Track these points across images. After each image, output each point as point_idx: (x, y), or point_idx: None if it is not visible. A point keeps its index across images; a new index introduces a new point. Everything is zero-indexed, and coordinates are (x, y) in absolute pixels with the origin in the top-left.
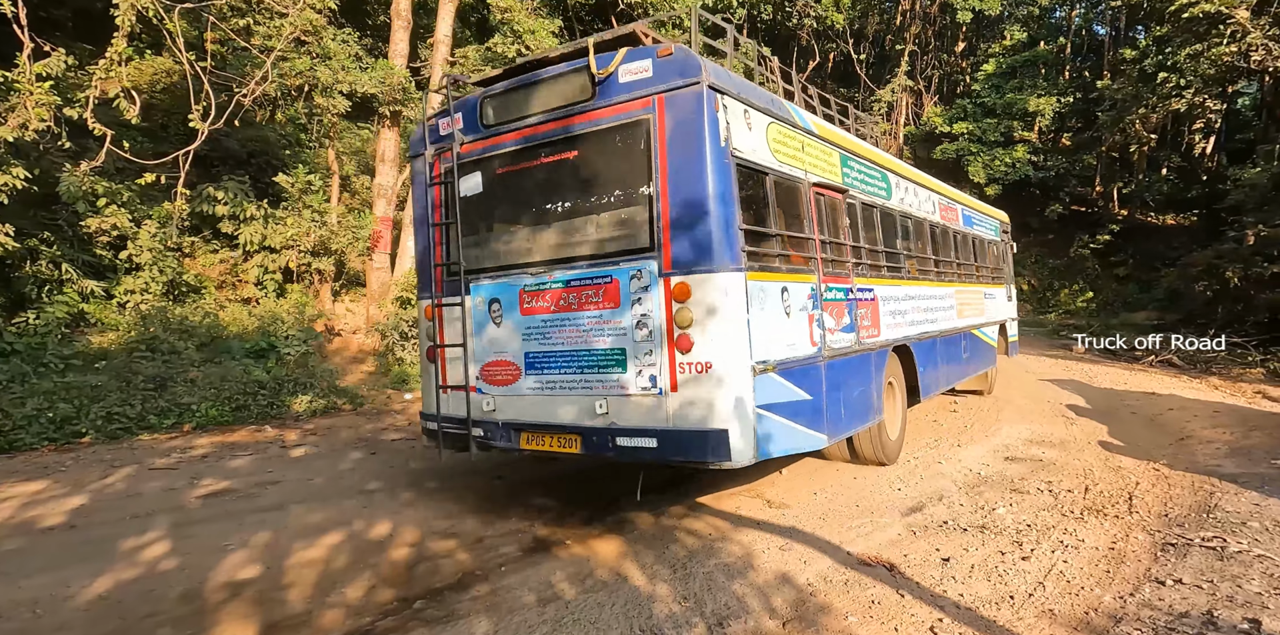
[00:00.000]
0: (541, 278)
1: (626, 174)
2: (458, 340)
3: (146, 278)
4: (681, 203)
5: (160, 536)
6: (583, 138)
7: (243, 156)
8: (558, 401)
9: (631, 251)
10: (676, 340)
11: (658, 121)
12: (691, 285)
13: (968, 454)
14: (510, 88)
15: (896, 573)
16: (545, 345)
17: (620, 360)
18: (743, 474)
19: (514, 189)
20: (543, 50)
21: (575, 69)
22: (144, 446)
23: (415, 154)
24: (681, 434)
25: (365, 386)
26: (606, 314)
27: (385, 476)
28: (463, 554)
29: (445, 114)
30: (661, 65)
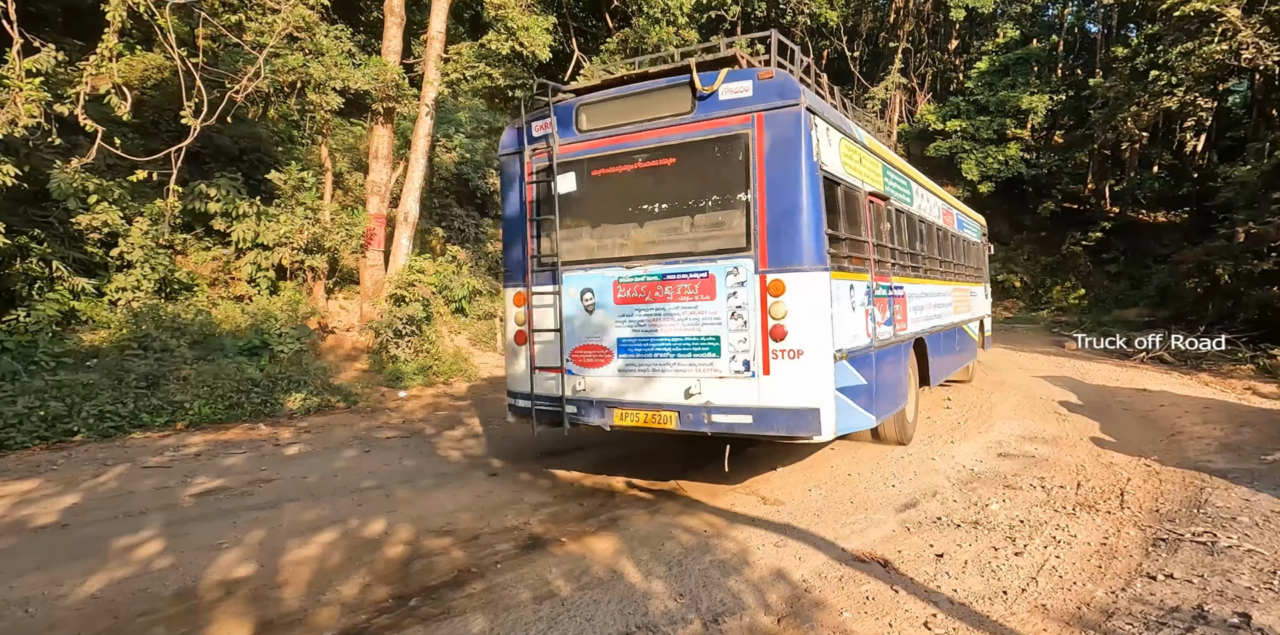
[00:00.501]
0: (636, 271)
1: (723, 181)
2: (549, 326)
3: (138, 275)
4: (778, 209)
5: (153, 535)
6: (681, 147)
7: (235, 153)
8: (650, 382)
9: (728, 250)
10: (771, 330)
11: (757, 136)
12: (786, 282)
13: (961, 450)
14: (608, 97)
15: (891, 569)
16: (638, 331)
17: (715, 346)
18: (739, 473)
19: (607, 189)
20: (620, 72)
21: (677, 84)
22: (137, 445)
23: (506, 153)
24: (776, 411)
25: (359, 384)
26: (702, 305)
27: (380, 474)
28: (458, 551)
29: (541, 117)
30: (762, 86)
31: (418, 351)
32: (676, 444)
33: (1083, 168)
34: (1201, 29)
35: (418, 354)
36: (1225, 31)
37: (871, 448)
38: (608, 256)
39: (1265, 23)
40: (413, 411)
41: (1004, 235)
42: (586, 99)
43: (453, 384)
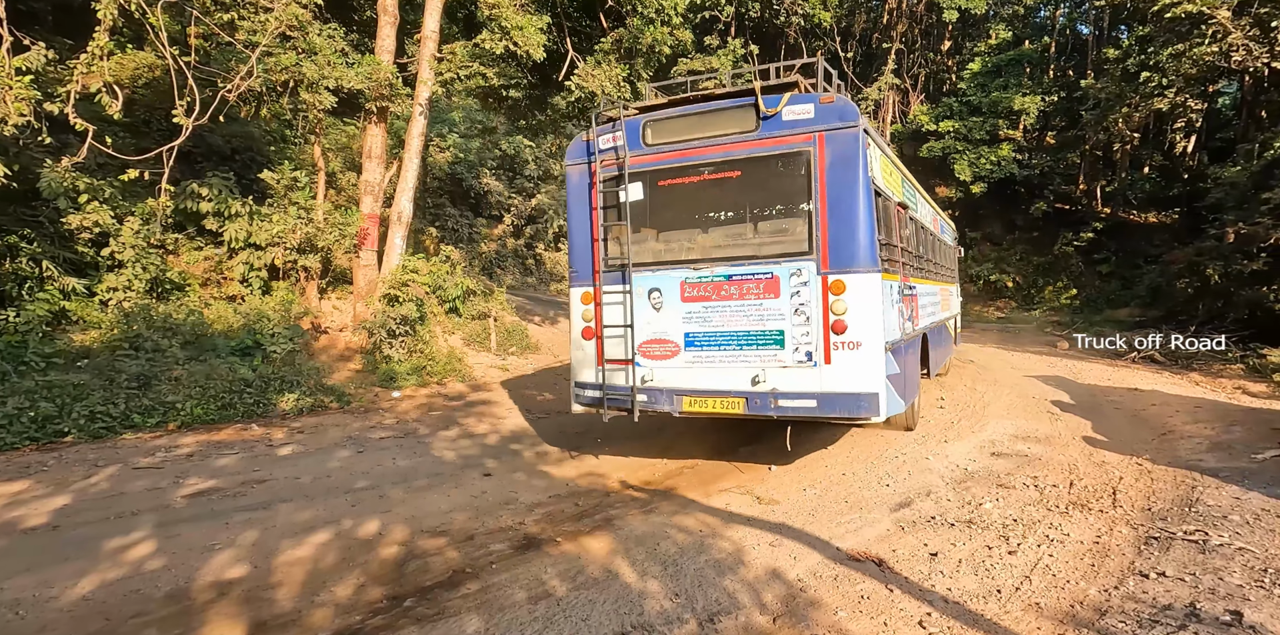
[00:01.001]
0: (703, 272)
1: (786, 192)
2: (619, 322)
3: (129, 275)
4: (838, 218)
5: (145, 536)
6: (746, 161)
7: (227, 152)
8: (717, 372)
9: (792, 254)
10: (833, 324)
11: (818, 153)
12: (846, 282)
13: (955, 450)
14: (673, 115)
15: (885, 568)
16: (705, 326)
17: (779, 339)
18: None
19: (673, 198)
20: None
21: (742, 105)
22: (128, 445)
23: (574, 163)
24: (839, 396)
25: (352, 384)
26: (766, 302)
27: (374, 475)
28: (453, 552)
29: (608, 130)
30: (824, 109)
31: (411, 352)
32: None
33: (1074, 168)
34: (1192, 31)
35: (411, 354)
36: (1215, 33)
37: (866, 447)
38: (674, 259)
39: (1255, 25)
40: (406, 412)
41: (996, 236)
42: (653, 116)
43: (446, 384)
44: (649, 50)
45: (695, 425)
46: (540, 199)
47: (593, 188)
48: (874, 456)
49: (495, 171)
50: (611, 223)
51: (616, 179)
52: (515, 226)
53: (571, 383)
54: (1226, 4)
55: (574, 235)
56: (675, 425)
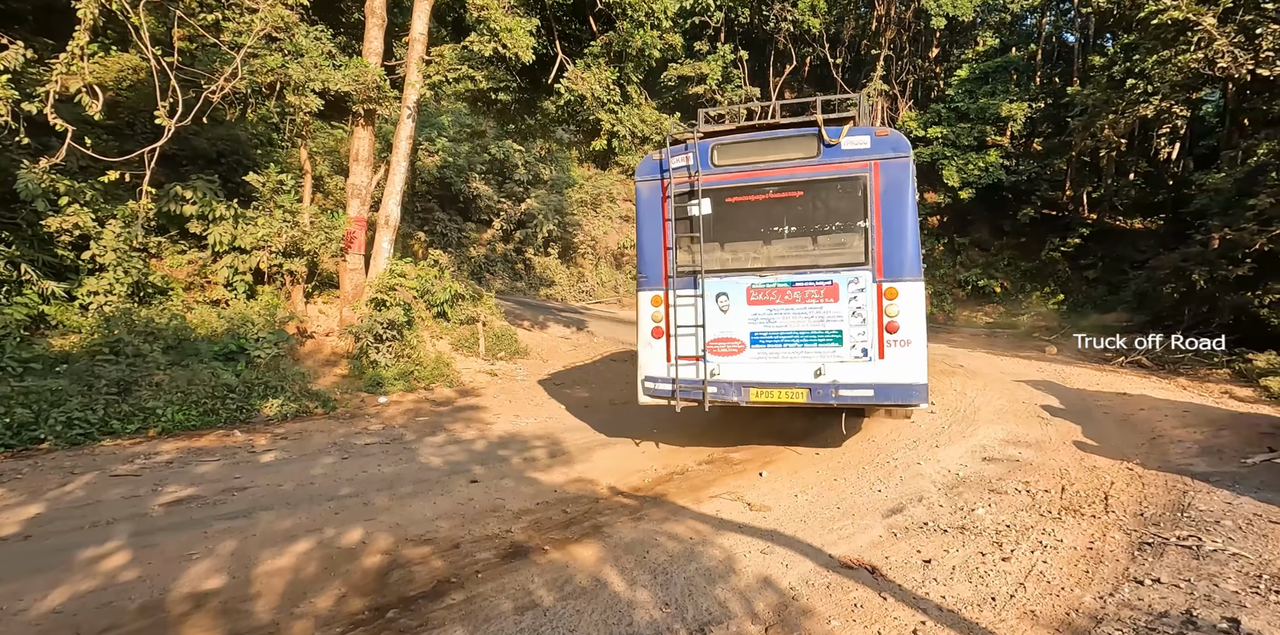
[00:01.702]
0: (769, 278)
1: (844, 211)
2: (690, 322)
3: (110, 279)
4: (890, 234)
5: (120, 546)
6: (808, 183)
7: (212, 156)
8: (780, 366)
9: (850, 264)
10: (886, 325)
11: (874, 179)
12: (898, 289)
13: (946, 455)
14: (740, 140)
15: (879, 575)
16: (769, 326)
17: (837, 337)
18: (728, 478)
19: (739, 213)
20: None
21: (805, 134)
22: (106, 452)
23: (646, 179)
24: (893, 386)
25: (338, 389)
26: (826, 306)
27: (358, 481)
28: (438, 560)
29: (680, 151)
30: (879, 141)
31: (399, 357)
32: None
33: (1061, 175)
34: (1177, 38)
35: (399, 359)
36: (1201, 40)
37: (858, 453)
38: (740, 267)
39: (1240, 32)
40: (393, 417)
41: (984, 241)
42: (721, 140)
43: (434, 390)
44: (639, 54)
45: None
46: (530, 203)
47: (664, 202)
48: (866, 462)
49: (484, 176)
50: (683, 234)
51: (686, 195)
52: (505, 231)
53: (640, 377)
54: (1212, 11)
55: (644, 244)
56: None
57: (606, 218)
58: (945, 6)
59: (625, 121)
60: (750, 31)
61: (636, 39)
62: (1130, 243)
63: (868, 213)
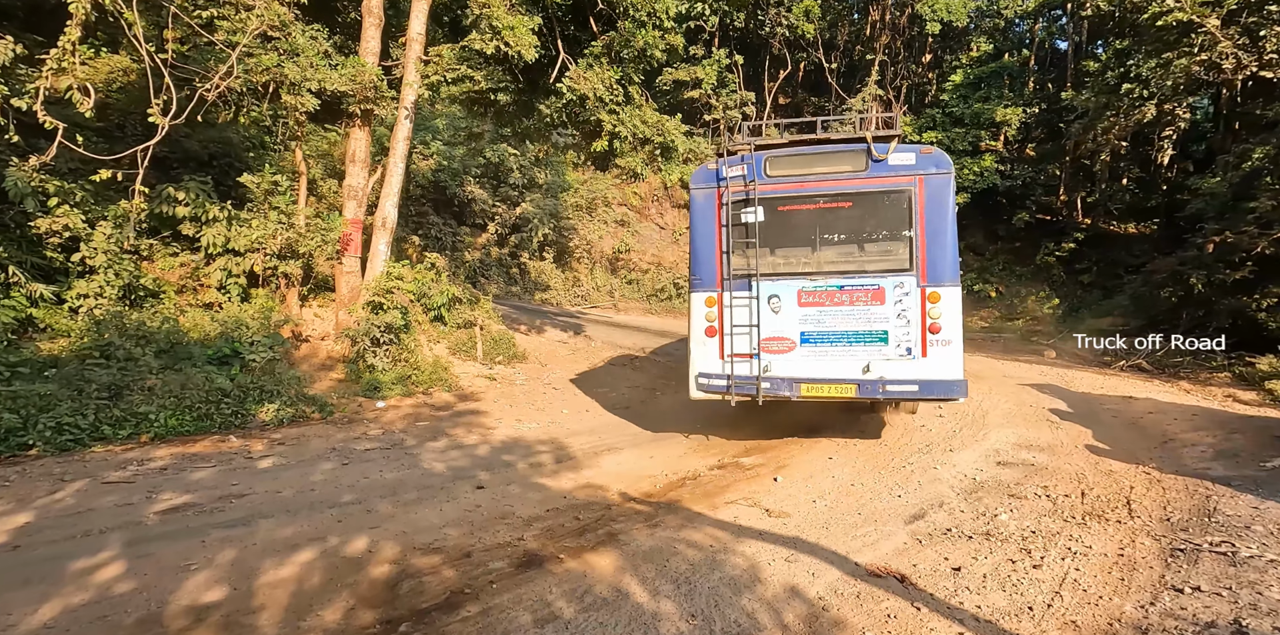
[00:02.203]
0: (819, 282)
1: (890, 221)
2: (745, 322)
3: (101, 281)
4: (933, 243)
5: (114, 556)
6: (856, 195)
7: (204, 158)
8: (829, 363)
9: (895, 270)
10: (929, 326)
11: (918, 192)
12: (940, 294)
13: (961, 459)
14: (792, 153)
15: (908, 584)
16: (818, 327)
17: (883, 337)
18: (741, 483)
19: (790, 220)
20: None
21: (855, 150)
22: (97, 459)
23: (702, 187)
24: (935, 382)
25: (335, 394)
26: (873, 308)
27: (360, 488)
28: (449, 570)
29: (735, 162)
30: (923, 158)
31: (396, 361)
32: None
33: (1055, 180)
34: (1180, 40)
35: (396, 363)
36: (1204, 43)
37: (872, 457)
38: (791, 271)
39: (1244, 34)
40: (392, 422)
41: (979, 246)
42: (774, 153)
43: (432, 394)
44: (641, 54)
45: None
46: (525, 208)
47: (719, 209)
48: (881, 466)
49: (479, 180)
50: (738, 239)
51: (742, 203)
52: (499, 235)
53: (692, 373)
54: (1216, 13)
55: (698, 248)
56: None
57: (602, 222)
58: (940, 12)
59: (627, 122)
60: (745, 37)
61: (638, 39)
62: (1124, 247)
63: (912, 223)
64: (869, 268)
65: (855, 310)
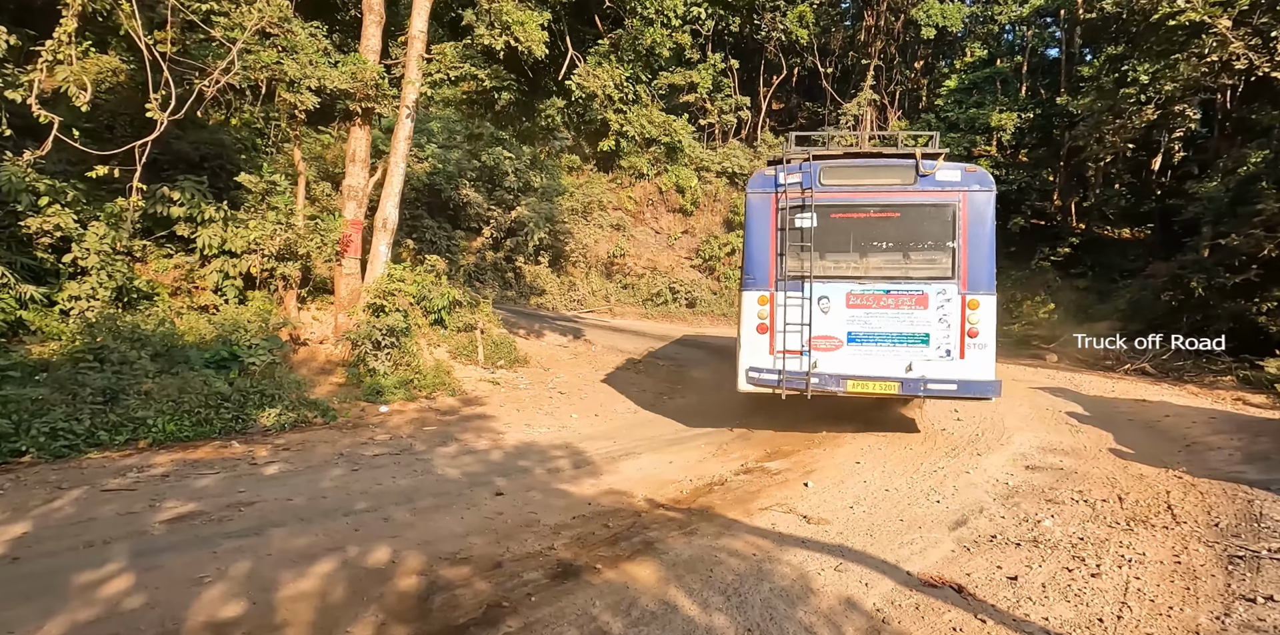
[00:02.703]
0: (867, 286)
1: (935, 232)
2: (796, 321)
3: (93, 283)
4: (974, 255)
5: (121, 568)
6: (904, 206)
7: (195, 160)
8: (874, 362)
9: (938, 278)
10: (968, 330)
11: (961, 207)
12: (979, 301)
13: (989, 463)
14: (845, 165)
15: (967, 594)
16: (865, 327)
17: (925, 339)
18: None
19: (841, 227)
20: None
21: (905, 165)
22: (94, 465)
23: (759, 192)
24: (973, 382)
25: (336, 399)
26: (916, 312)
27: (373, 495)
28: (481, 582)
29: (792, 170)
30: (968, 176)
31: (397, 364)
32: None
33: (1050, 185)
34: (1190, 40)
35: (397, 367)
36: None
37: (899, 461)
38: (841, 274)
39: (1255, 34)
40: (399, 427)
41: None
42: (828, 163)
43: (436, 398)
44: (649, 52)
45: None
46: (520, 211)
47: (774, 213)
48: (911, 470)
49: (474, 183)
50: (793, 243)
51: (797, 208)
52: (495, 239)
53: (742, 367)
54: (1228, 14)
55: (752, 250)
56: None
57: (597, 226)
58: (935, 17)
59: (634, 122)
60: (740, 41)
61: (647, 36)
62: (1119, 252)
63: (955, 235)
64: (913, 274)
65: (900, 313)
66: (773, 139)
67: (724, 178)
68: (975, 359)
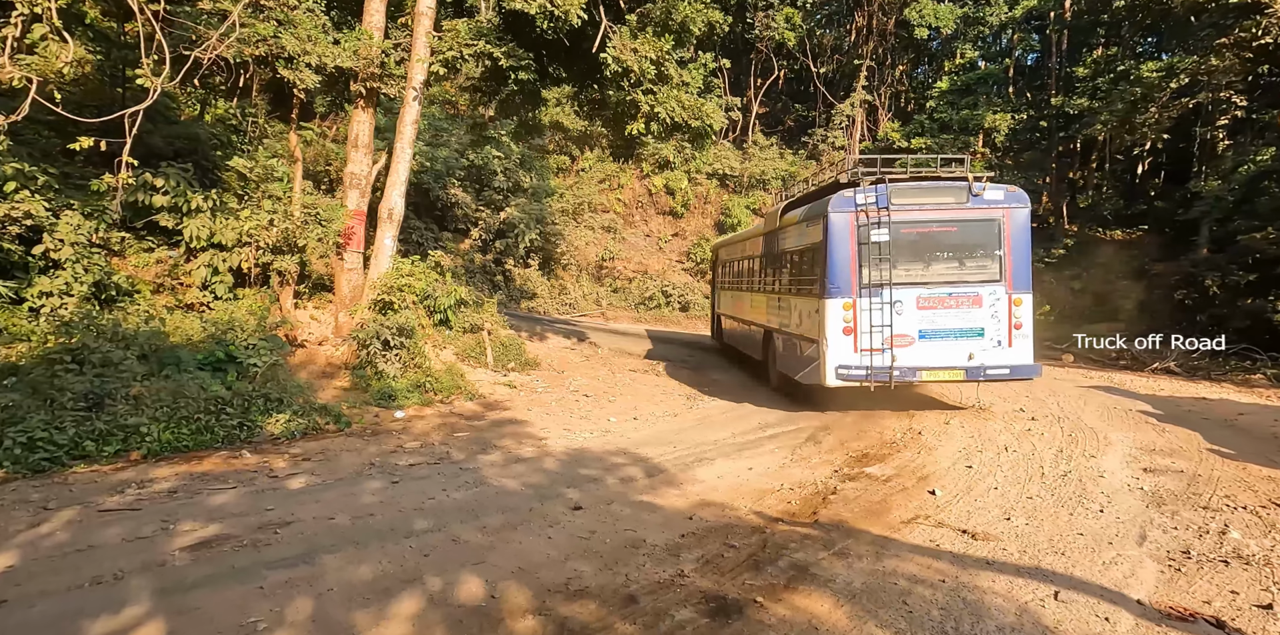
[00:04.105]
0: (933, 290)
1: (984, 243)
2: (878, 322)
3: (67, 277)
4: (1016, 260)
5: (147, 613)
6: (959, 221)
7: (168, 154)
8: (941, 354)
9: (989, 281)
10: (1014, 323)
11: (1005, 221)
12: (1022, 299)
13: (1107, 466)
14: (911, 186)
15: (1231, 631)
16: (932, 325)
17: (981, 333)
18: (901, 500)
19: (909, 240)
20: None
21: (959, 186)
22: (83, 480)
23: (837, 210)
24: (1021, 366)
25: (345, 404)
26: (973, 311)
27: (428, 511)
28: (624, 624)
29: (864, 191)
30: (1009, 195)
31: (407, 366)
32: None
33: (1043, 186)
34: (1238, 22)
35: (407, 369)
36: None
37: (1013, 464)
38: (910, 281)
39: None
40: (426, 433)
41: None
42: (896, 185)
43: (453, 403)
44: (681, 28)
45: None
46: (510, 212)
47: (853, 230)
48: (1035, 475)
49: (463, 183)
50: (870, 255)
51: (871, 225)
52: (483, 241)
53: (829, 365)
54: None
55: (835, 262)
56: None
57: (588, 228)
58: (928, 18)
59: (665, 104)
60: (730, 41)
61: (681, 9)
62: (1113, 253)
63: (1001, 244)
64: (969, 278)
65: (960, 312)
66: (764, 140)
67: (714, 180)
68: (1021, 347)
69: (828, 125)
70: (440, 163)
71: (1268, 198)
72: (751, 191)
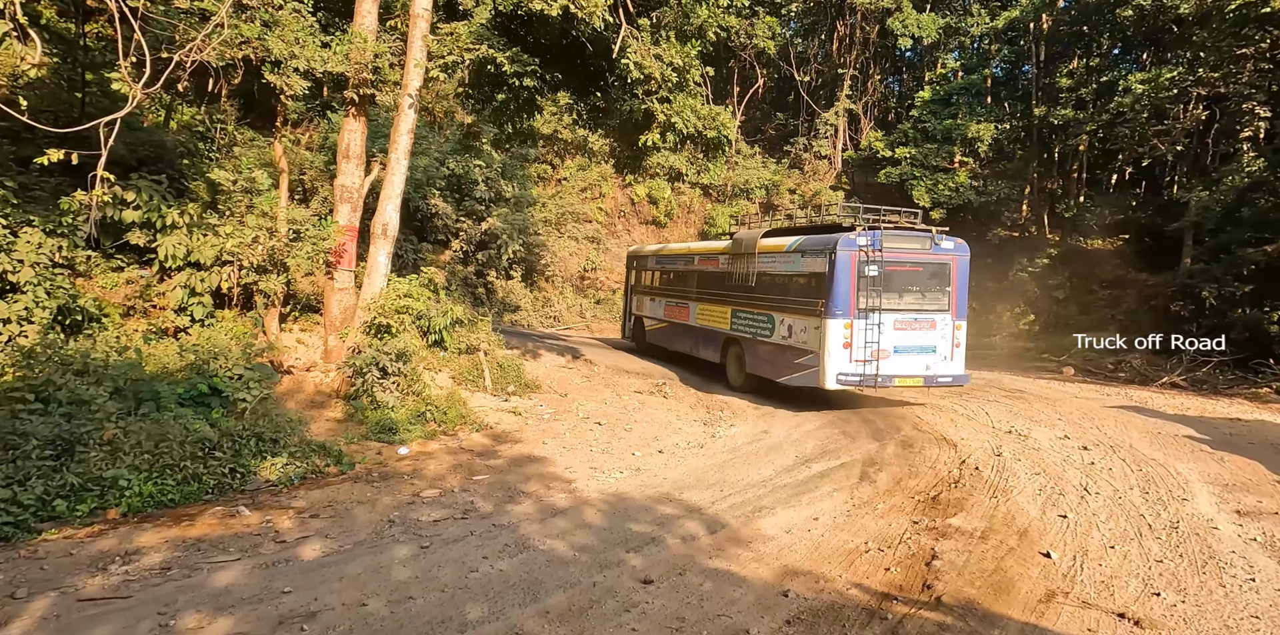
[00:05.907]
0: (905, 315)
1: (940, 281)
2: (867, 339)
3: (27, 302)
4: (959, 295)
5: None
6: (924, 263)
7: (131, 163)
8: (908, 365)
9: (942, 310)
10: (955, 343)
11: (953, 266)
12: (961, 324)
13: (1202, 510)
14: (895, 234)
15: None
16: (903, 343)
17: (934, 349)
18: (1008, 555)
19: (890, 277)
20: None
21: (925, 235)
22: (55, 553)
23: (844, 249)
24: (959, 375)
25: (342, 439)
26: (931, 332)
27: (476, 591)
28: None
29: (863, 234)
30: (958, 245)
31: (405, 394)
32: None
33: (1026, 196)
34: (1262, 31)
35: (405, 397)
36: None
37: (1110, 514)
38: (890, 307)
39: None
40: (440, 477)
41: None
42: (886, 232)
43: (459, 435)
44: (698, 32)
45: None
46: (491, 223)
47: (854, 266)
48: (1143, 528)
49: (443, 192)
50: (864, 287)
51: (866, 262)
52: (464, 252)
53: (831, 372)
54: None
55: (838, 291)
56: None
57: (571, 239)
58: (911, 27)
59: (681, 113)
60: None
61: (699, 13)
62: (1095, 263)
63: (950, 283)
64: (928, 307)
65: (922, 333)
66: (747, 149)
67: (698, 189)
68: (959, 360)
69: (810, 134)
70: (420, 171)
71: (1255, 210)
72: (735, 201)
